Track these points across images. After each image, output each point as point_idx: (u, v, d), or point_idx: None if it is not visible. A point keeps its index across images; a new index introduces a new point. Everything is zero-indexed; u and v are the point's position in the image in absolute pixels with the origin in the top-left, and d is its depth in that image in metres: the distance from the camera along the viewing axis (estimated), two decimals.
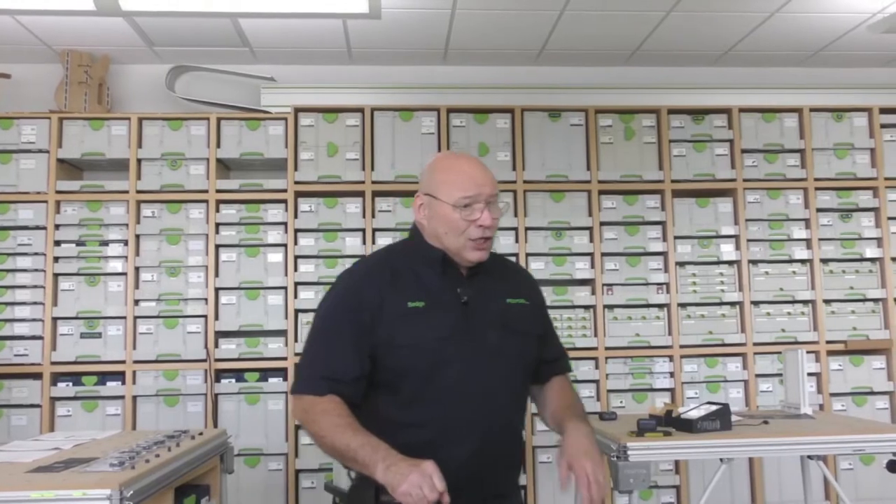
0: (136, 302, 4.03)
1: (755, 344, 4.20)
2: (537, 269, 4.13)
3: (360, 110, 4.22)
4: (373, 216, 4.16)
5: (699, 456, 2.47)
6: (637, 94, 4.42)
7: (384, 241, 4.15)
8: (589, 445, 1.66)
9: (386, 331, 1.67)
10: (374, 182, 4.16)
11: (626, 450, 2.48)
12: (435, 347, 1.66)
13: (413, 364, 1.66)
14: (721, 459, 2.62)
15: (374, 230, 4.15)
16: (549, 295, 4.11)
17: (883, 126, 4.41)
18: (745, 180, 4.32)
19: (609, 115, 4.33)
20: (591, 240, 4.22)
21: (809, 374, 3.76)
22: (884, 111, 4.42)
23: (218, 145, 4.14)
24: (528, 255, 4.17)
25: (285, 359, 4.02)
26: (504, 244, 4.17)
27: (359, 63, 4.51)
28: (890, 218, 4.34)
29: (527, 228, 4.19)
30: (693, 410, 2.71)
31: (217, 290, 4.06)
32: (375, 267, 1.80)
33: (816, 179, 4.35)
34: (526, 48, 4.33)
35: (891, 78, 4.67)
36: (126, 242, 4.06)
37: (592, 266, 4.20)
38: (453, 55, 4.40)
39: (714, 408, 2.68)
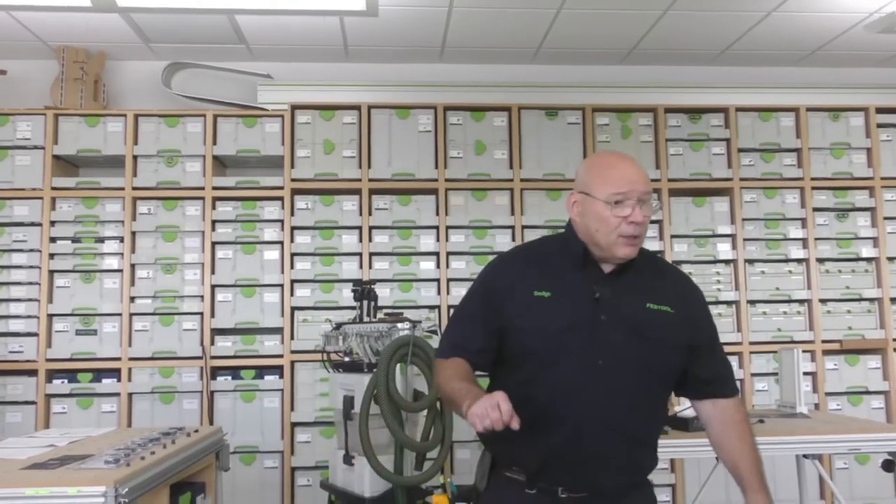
0: (132, 299, 4.02)
1: (751, 343, 4.21)
2: None
3: (357, 108, 4.21)
4: (369, 214, 4.15)
5: (695, 455, 2.47)
6: (634, 93, 4.42)
7: (381, 239, 4.15)
8: None
9: (512, 314, 1.76)
10: (370, 180, 4.16)
11: None
12: (552, 336, 1.72)
13: (530, 348, 1.73)
14: (717, 458, 2.61)
15: (371, 228, 4.15)
16: None
17: (879, 126, 4.42)
18: (741, 179, 4.33)
19: (606, 113, 4.33)
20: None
21: (805, 374, 3.76)
22: (880, 111, 4.43)
23: (214, 142, 4.13)
24: None
25: (281, 356, 4.02)
26: (500, 242, 4.17)
27: (356, 60, 4.50)
28: (886, 218, 4.35)
29: (524, 226, 4.20)
30: (689, 409, 2.71)
31: (213, 287, 4.06)
32: (514, 257, 1.93)
33: (813, 179, 4.36)
34: (523, 46, 4.32)
35: (887, 78, 4.68)
36: (122, 239, 4.05)
37: None
38: (450, 53, 4.40)
39: None
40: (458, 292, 4.13)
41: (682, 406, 2.85)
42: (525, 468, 1.74)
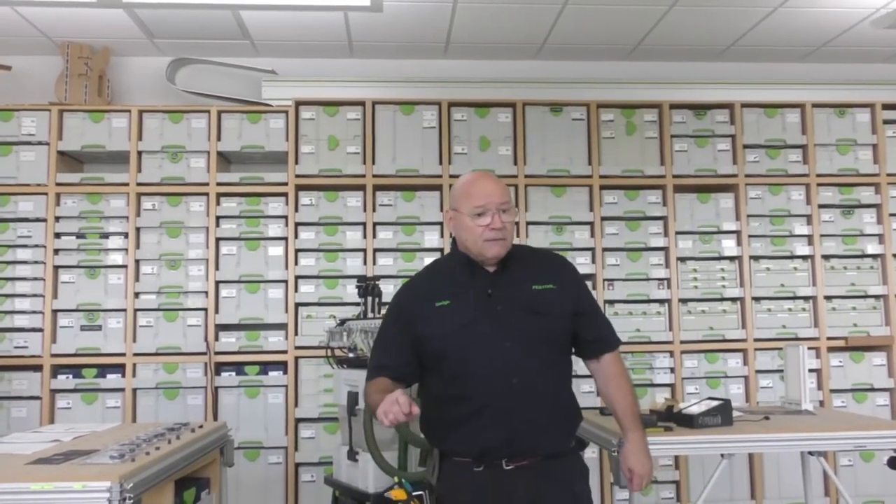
0: (137, 294, 4.02)
1: (756, 340, 4.20)
2: None
3: (362, 104, 4.21)
4: (374, 210, 4.15)
5: (700, 451, 2.47)
6: (639, 89, 4.41)
7: (385, 235, 4.15)
8: (644, 457, 2.11)
9: (421, 327, 2.05)
10: (374, 176, 4.16)
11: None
12: (460, 334, 2.00)
13: (445, 349, 2.01)
14: (722, 455, 2.61)
15: (375, 224, 4.15)
16: None
17: (885, 122, 4.40)
18: (746, 176, 4.31)
19: (611, 109, 4.32)
20: (592, 235, 4.21)
21: (810, 371, 3.75)
22: (886, 107, 4.41)
23: (218, 138, 4.13)
24: None
25: (285, 352, 4.02)
26: None
27: (360, 56, 4.49)
28: (892, 214, 4.34)
29: (528, 223, 4.19)
30: (694, 406, 2.71)
31: (217, 283, 4.06)
32: (415, 280, 2.23)
33: (818, 175, 4.34)
34: (528, 42, 4.31)
35: (894, 74, 4.65)
36: (126, 235, 4.05)
37: (593, 261, 4.20)
38: (454, 49, 4.39)
39: (715, 403, 2.67)
40: None
41: (688, 403, 2.84)
42: (469, 451, 1.99)
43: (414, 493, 2.13)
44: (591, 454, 3.56)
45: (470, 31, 4.12)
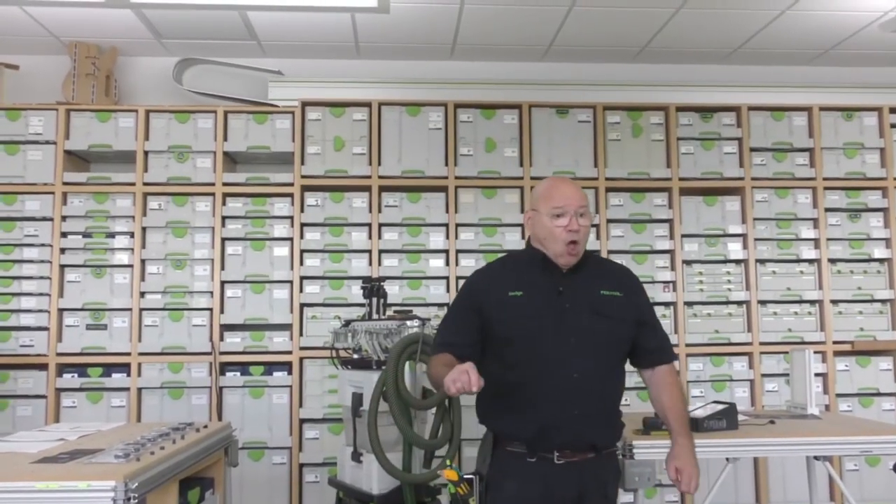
0: (142, 294, 4.03)
1: (762, 343, 4.18)
2: None
3: (368, 105, 4.21)
4: (379, 211, 4.15)
5: (705, 455, 2.45)
6: (645, 92, 4.40)
7: (391, 236, 4.15)
8: (692, 460, 2.21)
9: (492, 311, 2.18)
10: (380, 177, 4.16)
11: (632, 448, 2.47)
12: (528, 324, 2.13)
13: (512, 337, 2.14)
14: (727, 459, 2.61)
15: (381, 225, 4.15)
16: None
17: (893, 126, 4.38)
18: (753, 179, 4.30)
19: (617, 112, 4.31)
20: (598, 237, 4.20)
21: (816, 375, 3.72)
22: (894, 111, 4.39)
23: (225, 138, 4.14)
24: None
25: (290, 352, 4.02)
26: (509, 240, 4.16)
27: (366, 57, 4.50)
28: None
29: None
30: (699, 409, 2.70)
31: (223, 283, 4.07)
32: (490, 267, 2.36)
33: (825, 179, 4.33)
34: (534, 44, 4.31)
35: None
36: (132, 235, 4.06)
37: None
38: (461, 50, 4.39)
39: (720, 407, 2.67)
40: None
41: (693, 406, 2.83)
42: (524, 439, 2.10)
43: (465, 476, 2.16)
44: None
45: (476, 32, 4.12)
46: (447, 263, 4.14)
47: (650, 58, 4.51)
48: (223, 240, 4.10)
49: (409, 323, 3.08)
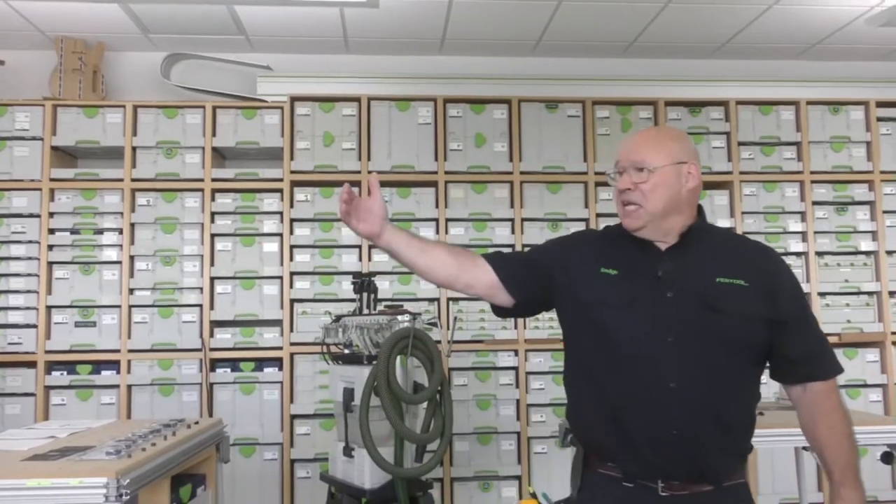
0: (131, 291, 4.01)
1: None
2: None
3: (357, 100, 4.20)
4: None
5: None
6: (634, 86, 4.41)
7: None
8: None
9: (577, 285, 1.76)
10: (370, 172, 4.15)
11: None
12: (617, 312, 1.69)
13: (595, 323, 1.71)
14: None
15: None
16: None
17: (879, 119, 4.41)
18: (741, 173, 4.33)
19: (606, 106, 4.32)
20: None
21: None
22: (880, 104, 4.42)
23: (213, 134, 4.12)
24: (523, 246, 4.17)
25: (280, 348, 4.02)
26: (500, 235, 4.17)
27: (355, 52, 4.49)
28: (885, 211, 4.35)
29: (523, 219, 4.19)
30: None
31: (212, 279, 4.05)
32: (591, 233, 1.97)
33: (812, 172, 4.36)
34: (523, 39, 4.31)
35: (887, 71, 4.67)
36: (121, 231, 4.04)
37: None
38: (450, 45, 4.38)
39: None
40: None
41: None
42: (618, 461, 1.67)
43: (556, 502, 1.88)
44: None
45: (466, 27, 4.12)
46: None
47: (639, 53, 4.52)
48: (212, 236, 4.08)
49: (400, 318, 3.08)
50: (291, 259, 4.08)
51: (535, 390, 4.11)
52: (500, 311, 1.90)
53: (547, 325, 4.14)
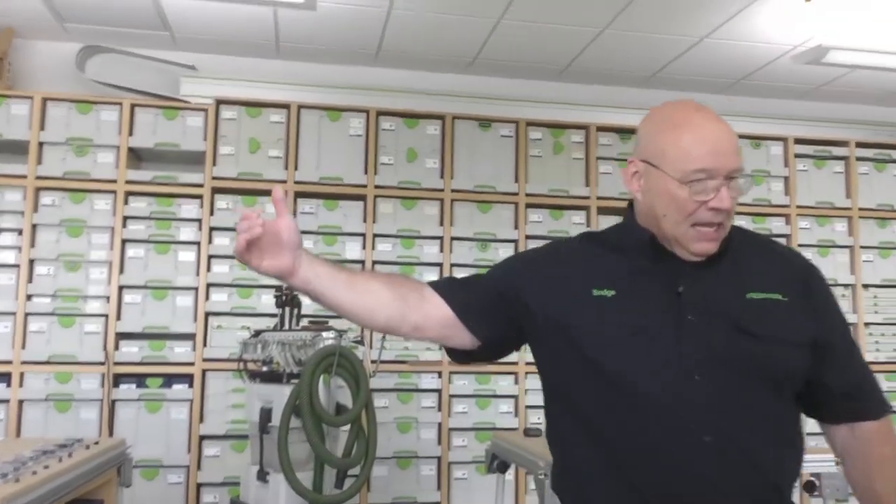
0: (29, 297, 3.70)
1: None
2: None
3: (286, 106, 4.04)
4: (294, 217, 3.97)
5: None
6: (567, 110, 4.43)
7: (305, 244, 3.95)
8: None
9: (558, 316, 1.35)
10: (297, 182, 3.99)
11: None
12: (622, 346, 1.29)
13: (593, 363, 1.31)
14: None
15: None
16: None
17: (797, 156, 4.57)
18: None
19: (539, 128, 4.31)
20: (516, 252, 4.18)
21: None
22: (798, 141, 4.58)
23: (130, 133, 3.88)
24: (452, 265, 4.09)
25: (192, 364, 3.78)
26: (428, 253, 4.07)
27: (287, 58, 4.33)
28: (801, 245, 4.50)
29: (452, 238, 4.11)
30: None
31: (121, 287, 3.79)
32: (567, 245, 1.50)
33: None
34: (460, 56, 4.26)
35: (805, 110, 4.86)
36: (20, 232, 3.73)
37: None
38: (386, 57, 4.29)
39: None
40: None
41: None
42: None
43: None
44: (508, 477, 3.49)
45: (403, 39, 4.04)
46: None
47: (573, 77, 4.55)
48: (123, 241, 3.82)
49: (324, 334, 2.95)
50: (209, 269, 3.87)
51: (457, 414, 4.02)
52: (457, 355, 1.49)
53: None
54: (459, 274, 3.82)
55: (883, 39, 3.83)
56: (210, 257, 3.88)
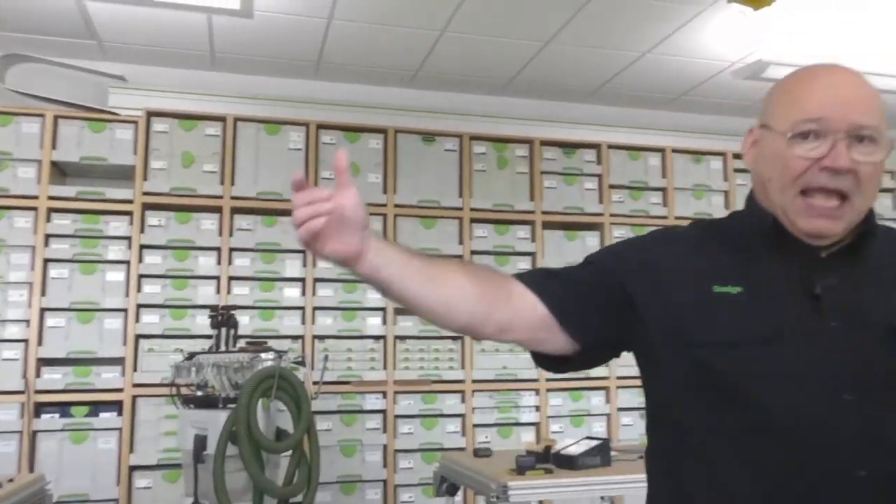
0: None
1: (618, 378, 4.22)
2: None
3: (222, 119, 3.89)
4: (230, 234, 3.81)
5: (583, 494, 2.35)
6: (511, 124, 4.39)
7: (242, 262, 3.83)
8: None
9: (670, 314, 1.13)
10: (233, 197, 3.84)
11: (507, 489, 2.32)
12: (750, 354, 1.07)
13: (712, 373, 1.09)
14: (602, 498, 2.52)
15: (231, 249, 3.81)
16: (414, 324, 3.93)
17: (736, 171, 4.64)
18: (611, 215, 4.38)
19: (483, 142, 4.27)
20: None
21: None
22: (737, 156, 4.65)
23: (53, 146, 3.66)
24: None
25: (121, 390, 3.57)
26: None
27: (223, 70, 4.18)
28: None
29: None
30: (573, 446, 2.60)
31: (42, 310, 3.56)
32: (677, 232, 1.26)
33: (677, 218, 4.49)
34: (402, 69, 4.18)
35: (744, 126, 4.82)
36: None
37: None
38: (326, 69, 4.18)
39: (595, 443, 2.58)
40: (325, 321, 3.87)
41: (564, 443, 2.73)
42: None
43: None
44: (457, 499, 3.38)
45: (343, 51, 3.94)
46: (303, 293, 3.87)
47: (517, 91, 4.52)
48: (46, 261, 3.59)
49: (263, 356, 2.80)
50: (139, 290, 3.67)
51: (403, 435, 3.90)
52: (549, 362, 1.25)
53: (417, 364, 3.96)
54: None
55: (820, 54, 3.91)
56: (140, 276, 3.69)
